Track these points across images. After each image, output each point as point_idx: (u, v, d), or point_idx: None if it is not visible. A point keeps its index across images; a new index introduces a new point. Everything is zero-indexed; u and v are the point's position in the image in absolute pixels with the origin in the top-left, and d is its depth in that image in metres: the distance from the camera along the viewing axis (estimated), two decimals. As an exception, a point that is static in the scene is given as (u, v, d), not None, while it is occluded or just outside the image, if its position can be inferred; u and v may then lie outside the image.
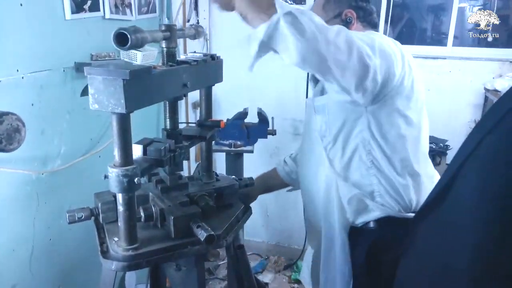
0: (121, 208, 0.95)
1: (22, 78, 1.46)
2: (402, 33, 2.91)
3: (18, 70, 1.44)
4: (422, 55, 2.57)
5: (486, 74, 2.47)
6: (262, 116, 2.18)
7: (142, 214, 1.07)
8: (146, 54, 1.98)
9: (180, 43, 2.63)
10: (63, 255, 1.77)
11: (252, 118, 2.20)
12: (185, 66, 1.08)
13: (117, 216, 1.00)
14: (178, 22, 2.63)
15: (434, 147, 2.30)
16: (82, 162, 1.78)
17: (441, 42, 2.75)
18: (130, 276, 2.01)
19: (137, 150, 1.03)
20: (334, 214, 1.24)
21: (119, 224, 0.97)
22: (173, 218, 1.01)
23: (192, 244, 1.03)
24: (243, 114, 2.17)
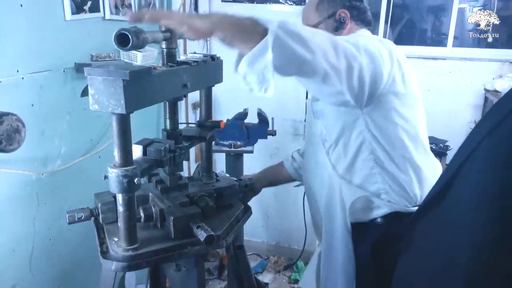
0: (121, 208, 0.95)
1: (22, 78, 1.46)
2: (402, 33, 2.91)
3: (18, 71, 1.45)
4: (422, 56, 2.57)
5: (486, 75, 2.47)
6: (262, 116, 2.19)
7: (142, 214, 1.07)
8: (146, 55, 1.98)
9: (180, 44, 2.63)
10: (63, 256, 1.77)
11: (252, 119, 2.20)
12: (185, 67, 1.08)
13: (117, 216, 1.00)
14: (178, 22, 2.63)
15: (434, 147, 2.30)
16: (82, 162, 1.78)
17: (441, 42, 2.75)
18: (130, 276, 2.01)
19: (137, 151, 1.03)
20: (336, 215, 1.25)
21: (119, 224, 0.98)
22: (173, 218, 1.01)
23: (192, 244, 1.03)
24: (243, 115, 2.17)
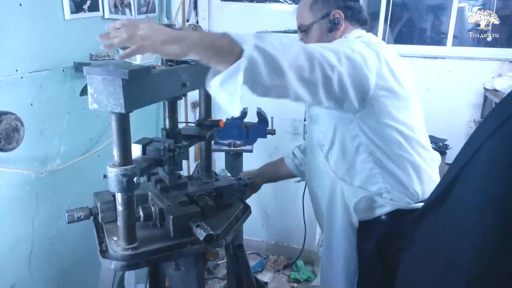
0: (120, 207, 0.95)
1: (22, 77, 1.46)
2: (401, 33, 2.91)
3: (17, 70, 1.44)
4: (422, 55, 2.57)
5: (485, 74, 2.47)
6: (261, 115, 2.18)
7: (141, 213, 1.07)
8: (145, 54, 1.98)
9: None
10: (63, 255, 1.77)
11: (251, 118, 2.19)
12: (184, 66, 1.08)
13: (116, 215, 1.00)
14: (178, 22, 2.62)
15: (433, 147, 2.28)
16: (82, 161, 1.77)
17: (440, 42, 2.75)
18: (129, 275, 2.01)
19: (136, 150, 1.03)
20: (337, 215, 1.26)
21: (118, 223, 0.98)
22: (172, 217, 1.01)
23: (191, 243, 1.03)
24: (243, 114, 2.17)
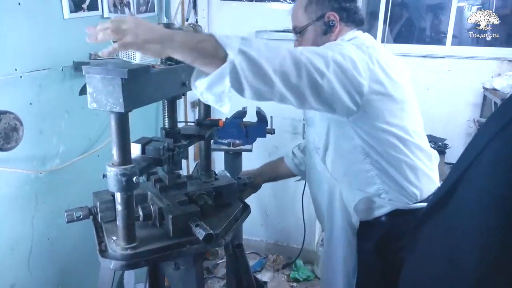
0: (119, 207, 0.95)
1: (21, 77, 1.46)
2: (401, 32, 2.91)
3: (16, 69, 1.44)
4: (421, 55, 2.57)
5: (485, 73, 2.47)
6: (261, 115, 2.18)
7: (141, 213, 1.07)
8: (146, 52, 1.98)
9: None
10: (62, 254, 1.77)
11: (251, 117, 2.19)
12: (183, 65, 1.08)
13: (115, 215, 1.00)
14: (177, 21, 2.62)
15: (432, 146, 2.28)
16: (81, 161, 1.77)
17: (440, 41, 2.75)
18: (129, 275, 2.01)
19: (135, 149, 1.03)
20: (336, 217, 1.27)
21: (118, 223, 0.97)
22: (171, 217, 1.01)
23: (190, 243, 1.03)
24: (242, 113, 2.17)
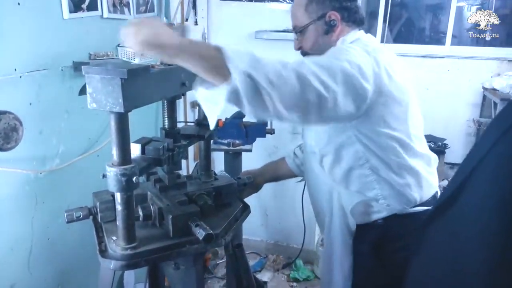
0: (119, 207, 0.95)
1: (20, 77, 1.46)
2: (400, 32, 2.91)
3: (16, 69, 1.44)
4: (421, 54, 2.57)
5: (484, 73, 2.47)
6: (260, 115, 2.18)
7: (141, 213, 1.07)
8: (144, 53, 1.98)
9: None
10: (62, 255, 1.77)
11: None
12: (183, 65, 1.07)
13: (115, 215, 1.00)
14: (177, 21, 2.62)
15: (432, 146, 2.30)
16: (81, 161, 1.77)
17: (439, 41, 2.75)
18: (129, 275, 2.01)
19: (135, 149, 1.03)
20: (335, 219, 1.27)
21: (118, 223, 0.97)
22: (171, 217, 1.01)
23: (190, 243, 1.03)
24: (242, 113, 2.17)
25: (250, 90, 0.87)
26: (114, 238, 1.01)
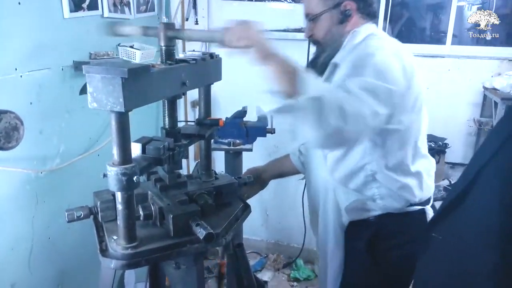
0: (120, 206, 0.95)
1: (21, 76, 1.46)
2: (401, 31, 2.91)
3: (16, 69, 1.44)
4: (421, 54, 2.57)
5: (485, 73, 2.47)
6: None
7: (141, 212, 1.06)
8: (144, 53, 1.98)
9: (179, 42, 2.62)
10: (62, 254, 1.77)
11: (251, 117, 2.19)
12: (184, 65, 1.08)
13: (116, 214, 1.00)
14: (177, 20, 2.62)
15: (433, 146, 2.30)
16: (81, 161, 1.77)
17: (440, 40, 2.75)
18: (129, 274, 2.01)
19: (136, 149, 1.03)
20: (329, 215, 1.28)
21: (118, 222, 0.97)
22: (172, 216, 1.01)
23: (191, 242, 1.02)
24: (242, 113, 2.17)
25: (314, 112, 0.93)
26: (115, 237, 1.01)
